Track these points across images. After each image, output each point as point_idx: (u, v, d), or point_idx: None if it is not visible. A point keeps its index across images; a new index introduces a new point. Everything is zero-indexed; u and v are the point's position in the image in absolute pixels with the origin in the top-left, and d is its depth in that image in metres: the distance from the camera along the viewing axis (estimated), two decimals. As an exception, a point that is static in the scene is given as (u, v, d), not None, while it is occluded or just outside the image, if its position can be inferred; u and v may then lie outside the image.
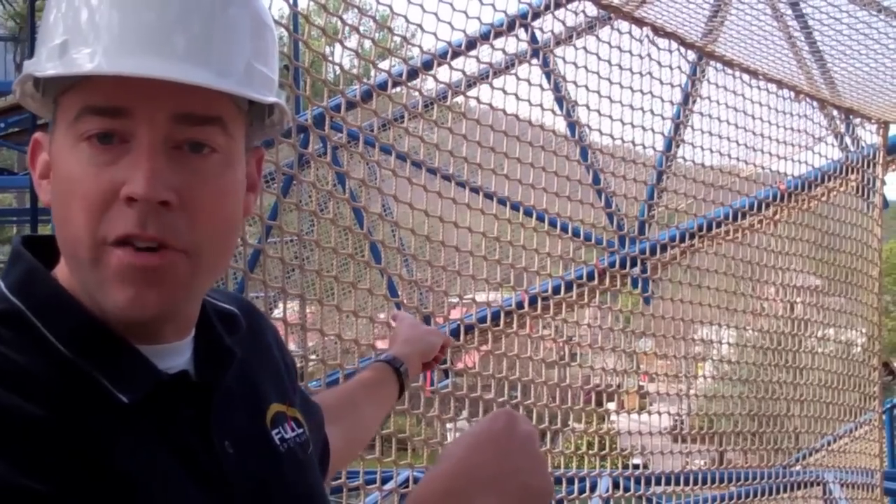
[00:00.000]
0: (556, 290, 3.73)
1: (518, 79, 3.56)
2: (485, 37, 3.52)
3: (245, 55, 0.85)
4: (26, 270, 0.87)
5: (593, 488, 3.87)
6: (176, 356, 0.90)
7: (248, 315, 1.05)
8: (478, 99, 3.42)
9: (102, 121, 0.81)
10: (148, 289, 0.82)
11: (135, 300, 0.81)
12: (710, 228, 4.51)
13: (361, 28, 3.23)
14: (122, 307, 0.82)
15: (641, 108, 4.03)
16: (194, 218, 0.83)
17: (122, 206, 0.80)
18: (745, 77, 4.54)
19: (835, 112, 5.26)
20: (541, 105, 3.65)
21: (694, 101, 4.51)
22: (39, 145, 0.89)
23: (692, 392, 4.91)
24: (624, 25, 4.02)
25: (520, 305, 3.65)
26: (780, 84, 4.73)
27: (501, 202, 3.58)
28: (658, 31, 4.12)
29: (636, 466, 4.36)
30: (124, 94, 0.80)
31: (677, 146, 4.48)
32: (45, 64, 0.83)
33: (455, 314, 3.88)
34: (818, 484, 5.00)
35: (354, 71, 3.35)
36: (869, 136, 5.39)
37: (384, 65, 3.22)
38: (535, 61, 3.93)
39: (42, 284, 0.86)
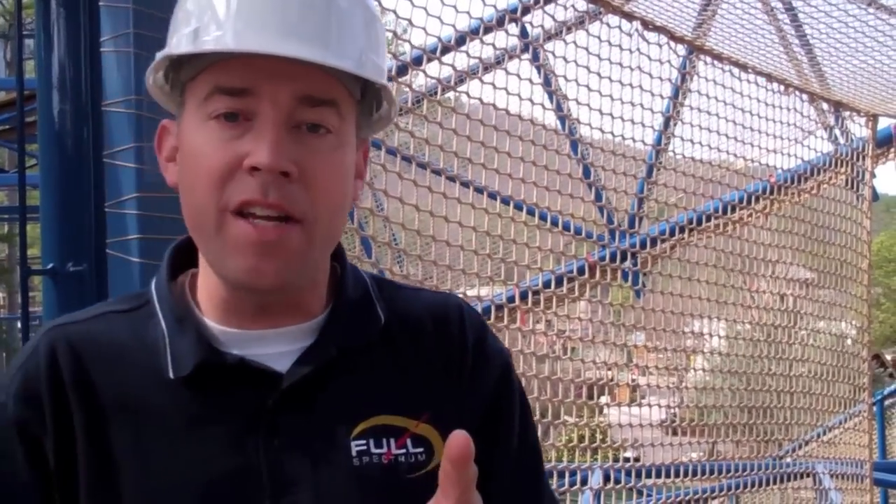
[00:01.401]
0: (548, 285, 3.75)
1: (508, 73, 3.57)
2: (475, 32, 3.53)
3: (359, 45, 0.91)
4: (159, 269, 1.01)
5: (585, 481, 3.89)
6: (288, 341, 0.94)
7: (411, 316, 1.01)
8: (468, 94, 3.43)
9: (230, 100, 0.88)
10: (266, 259, 0.88)
11: (254, 270, 0.88)
12: (700, 222, 4.52)
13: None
14: (242, 276, 0.89)
15: (632, 103, 4.04)
16: (310, 191, 0.88)
17: (244, 176, 0.87)
18: (736, 71, 4.55)
19: (824, 105, 5.28)
20: (531, 100, 3.65)
21: (684, 96, 4.52)
22: (166, 131, 0.97)
23: (684, 385, 4.93)
24: (614, 20, 4.03)
25: (511, 300, 3.66)
26: (770, 78, 4.74)
27: (492, 196, 3.58)
28: (648, 25, 4.12)
29: (628, 459, 4.38)
30: (251, 76, 0.87)
31: (668, 140, 4.49)
32: (180, 48, 0.90)
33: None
34: (809, 475, 5.03)
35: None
36: (858, 129, 5.41)
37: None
38: (525, 56, 3.93)
39: (160, 279, 1.00)
